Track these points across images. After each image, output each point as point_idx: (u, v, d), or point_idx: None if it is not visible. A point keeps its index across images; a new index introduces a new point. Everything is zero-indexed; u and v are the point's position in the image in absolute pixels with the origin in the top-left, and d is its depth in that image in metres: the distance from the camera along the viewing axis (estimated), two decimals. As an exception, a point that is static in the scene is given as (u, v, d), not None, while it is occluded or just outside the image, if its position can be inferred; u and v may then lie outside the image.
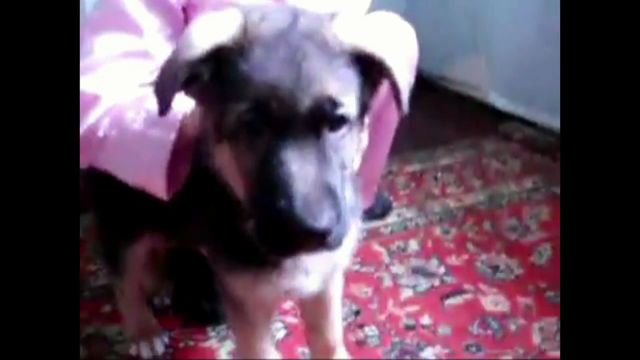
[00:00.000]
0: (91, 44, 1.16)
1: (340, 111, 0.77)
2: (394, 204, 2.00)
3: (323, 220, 0.70)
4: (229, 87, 0.77)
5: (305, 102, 0.74)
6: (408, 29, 1.43)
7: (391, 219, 1.92)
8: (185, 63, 0.77)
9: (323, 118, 0.76)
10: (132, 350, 1.38)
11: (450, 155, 2.36)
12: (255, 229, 0.77)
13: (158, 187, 1.01)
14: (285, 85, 0.74)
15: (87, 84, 1.10)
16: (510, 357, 1.34)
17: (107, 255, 1.36)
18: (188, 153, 1.00)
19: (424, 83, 2.91)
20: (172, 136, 0.98)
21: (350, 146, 0.82)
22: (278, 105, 0.74)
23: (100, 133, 1.06)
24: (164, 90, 0.80)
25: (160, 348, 1.38)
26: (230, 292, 1.04)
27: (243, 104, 0.75)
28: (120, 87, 1.12)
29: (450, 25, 2.82)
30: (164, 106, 0.80)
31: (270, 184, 0.73)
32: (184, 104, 0.97)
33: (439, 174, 2.21)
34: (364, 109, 0.84)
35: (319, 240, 0.72)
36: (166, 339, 1.41)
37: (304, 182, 0.71)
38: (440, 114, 2.78)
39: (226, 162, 0.82)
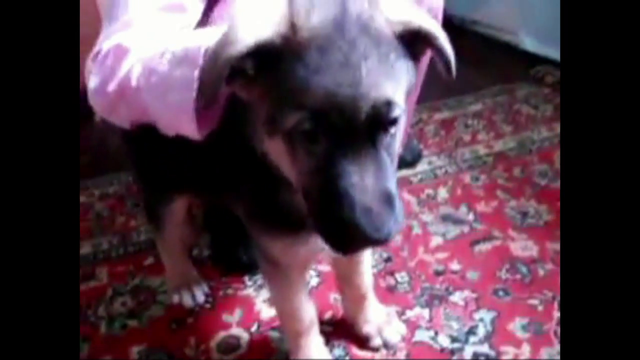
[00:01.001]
0: (125, 1, 1.13)
1: (395, 113, 0.75)
2: (424, 152, 2.01)
3: (385, 230, 0.72)
4: (282, 90, 0.75)
5: (365, 110, 0.72)
6: None
7: (421, 167, 1.94)
8: (228, 60, 0.75)
9: (380, 123, 0.75)
10: (175, 299, 1.45)
11: (480, 101, 2.34)
12: (317, 228, 0.78)
13: (189, 127, 0.96)
14: (346, 93, 0.71)
15: (120, 39, 1.08)
16: (537, 301, 1.37)
17: (148, 212, 1.43)
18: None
19: (454, 28, 2.87)
20: (195, 73, 0.90)
21: (400, 138, 0.81)
22: (338, 115, 0.72)
23: (134, 82, 1.02)
24: (207, 87, 0.80)
25: (201, 297, 1.46)
26: (266, 251, 1.06)
27: (300, 113, 0.73)
28: (154, 40, 1.07)
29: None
30: (209, 102, 0.81)
31: (330, 194, 0.73)
32: (208, 36, 0.92)
33: (469, 121, 2.20)
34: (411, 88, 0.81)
35: (380, 243, 0.75)
36: (206, 288, 1.49)
37: (364, 193, 0.72)
38: (471, 60, 2.72)
39: (279, 155, 0.81)
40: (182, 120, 0.95)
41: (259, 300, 1.45)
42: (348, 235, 0.73)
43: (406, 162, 1.92)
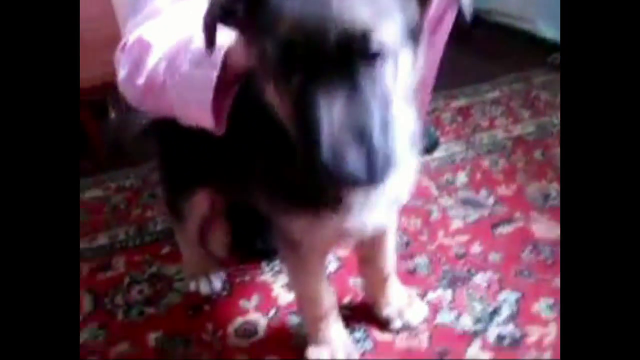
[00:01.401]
0: None
1: (375, 43, 0.70)
2: (441, 139, 1.98)
3: (346, 166, 0.68)
4: (263, 23, 0.75)
5: (334, 36, 0.68)
6: None
7: (438, 153, 1.91)
8: (219, 2, 0.78)
9: (356, 53, 0.70)
10: (192, 287, 1.44)
11: (497, 89, 2.31)
12: (299, 160, 0.75)
13: (208, 123, 1.02)
14: (313, 19, 0.69)
15: (146, 31, 1.11)
16: (562, 281, 1.33)
17: (169, 203, 1.42)
18: (234, 86, 1.01)
19: (471, 19, 2.84)
20: (214, 74, 0.97)
21: (393, 76, 0.75)
22: (305, 42, 0.69)
23: (160, 78, 1.07)
24: (206, 28, 0.82)
25: (218, 284, 1.44)
26: (287, 235, 1.03)
27: (272, 42, 0.72)
28: (177, 31, 1.11)
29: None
30: (209, 42, 0.83)
31: (302, 128, 0.72)
32: (228, 39, 0.96)
33: (487, 108, 2.17)
34: (414, 28, 0.78)
35: (349, 182, 0.71)
36: (223, 275, 1.47)
37: (331, 126, 0.68)
38: (487, 49, 2.71)
39: (274, 97, 0.80)
40: (202, 116, 1.00)
41: (277, 286, 1.43)
42: (318, 170, 0.69)
43: (424, 149, 1.89)
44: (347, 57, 0.70)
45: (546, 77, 2.35)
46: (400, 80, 0.77)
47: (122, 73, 1.14)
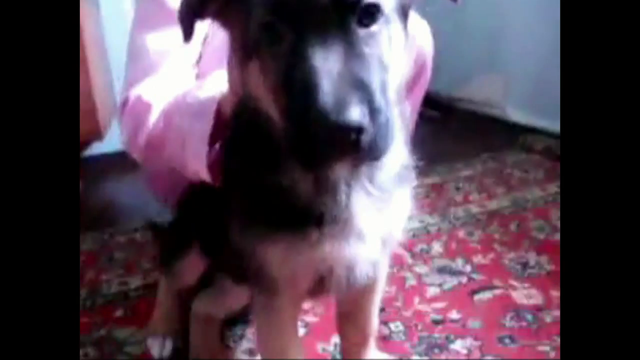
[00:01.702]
0: (143, 43, 1.20)
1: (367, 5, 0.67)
2: (415, 212, 1.93)
3: (353, 112, 0.60)
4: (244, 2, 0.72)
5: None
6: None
7: (412, 224, 1.85)
8: None
9: (347, 7, 0.66)
10: (148, 344, 1.31)
11: (470, 167, 2.31)
12: (286, 140, 0.68)
13: (204, 175, 1.02)
14: None
15: (144, 90, 1.15)
16: (547, 347, 1.24)
17: (164, 254, 1.34)
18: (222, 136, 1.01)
19: (441, 106, 2.91)
20: (208, 127, 0.99)
21: (388, 43, 0.71)
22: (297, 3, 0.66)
23: (160, 135, 1.09)
24: (183, 20, 0.77)
25: (168, 350, 1.31)
26: (261, 275, 0.90)
27: (261, 7, 0.69)
28: (174, 87, 1.15)
29: (467, 46, 2.82)
30: (187, 33, 0.77)
31: (296, 87, 0.64)
32: (218, 87, 1.00)
33: (461, 184, 2.15)
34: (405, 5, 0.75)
35: (353, 141, 0.61)
36: (178, 343, 1.32)
37: (330, 75, 0.62)
38: (459, 133, 2.76)
39: (256, 79, 0.74)
40: (199, 168, 1.01)
41: (239, 351, 1.30)
42: (315, 127, 0.61)
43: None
44: (340, 10, 0.66)
45: (518, 157, 2.37)
46: (395, 54, 0.72)
47: (124, 134, 1.18)
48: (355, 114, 0.60)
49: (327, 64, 0.62)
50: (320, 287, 0.93)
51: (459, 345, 1.27)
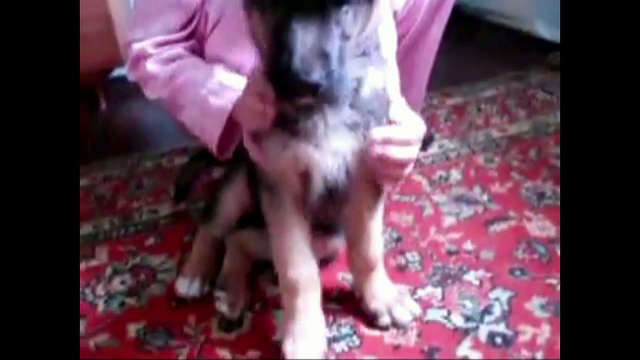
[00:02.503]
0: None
1: None
2: (436, 136, 1.95)
3: (313, 75, 0.86)
4: None
5: None
6: None
7: (432, 150, 1.88)
8: None
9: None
10: (177, 282, 1.38)
11: (493, 87, 2.28)
12: (269, 75, 0.91)
13: (213, 148, 1.26)
14: None
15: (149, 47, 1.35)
16: (556, 281, 1.30)
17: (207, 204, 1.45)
18: None
19: (468, 18, 2.82)
20: (229, 107, 1.19)
21: (353, 20, 0.93)
22: None
23: (182, 98, 1.31)
24: None
25: (195, 291, 1.36)
26: (261, 175, 1.13)
27: None
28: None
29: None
30: None
31: (279, 45, 0.88)
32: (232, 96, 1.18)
33: (482, 105, 2.14)
34: None
35: (312, 90, 0.88)
36: (207, 288, 1.37)
37: (304, 46, 0.86)
38: (485, 48, 2.70)
39: (257, 24, 0.95)
40: (210, 141, 1.26)
41: (264, 279, 1.39)
42: (286, 76, 0.87)
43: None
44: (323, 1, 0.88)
45: (544, 76, 2.33)
46: (357, 28, 0.95)
47: (151, 81, 1.36)
48: (315, 76, 0.86)
49: (304, 38, 0.86)
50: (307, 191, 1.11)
51: (471, 277, 1.34)
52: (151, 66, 1.34)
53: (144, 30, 1.36)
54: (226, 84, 1.23)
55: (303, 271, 1.15)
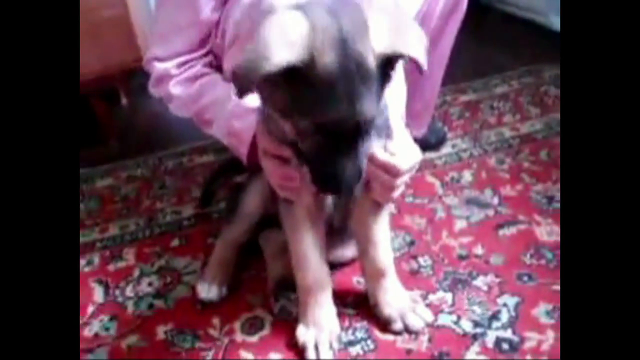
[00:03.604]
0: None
1: (372, 124, 1.00)
2: (448, 135, 1.99)
3: (352, 192, 1.07)
4: (299, 102, 0.95)
5: (353, 125, 0.96)
6: None
7: (445, 149, 1.93)
8: (263, 71, 0.90)
9: (362, 131, 0.99)
10: (197, 284, 1.45)
11: (506, 83, 2.30)
12: (311, 175, 1.05)
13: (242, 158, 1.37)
14: (344, 117, 0.95)
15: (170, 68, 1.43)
16: (562, 286, 1.36)
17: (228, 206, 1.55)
18: None
19: (481, 7, 2.82)
20: (252, 130, 1.28)
21: (376, 140, 1.12)
22: (336, 127, 0.96)
23: (207, 116, 1.40)
24: (241, 87, 0.94)
25: (214, 294, 1.43)
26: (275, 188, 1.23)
27: (309, 123, 0.97)
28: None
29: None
30: (242, 95, 0.95)
31: (324, 167, 1.01)
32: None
33: (495, 103, 2.17)
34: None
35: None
36: (225, 291, 1.45)
37: (344, 170, 1.00)
38: (498, 40, 2.71)
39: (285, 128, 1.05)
40: (238, 155, 1.38)
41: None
42: (329, 189, 1.07)
43: (430, 144, 1.91)
44: (357, 133, 0.99)
45: (557, 71, 2.34)
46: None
47: (175, 101, 1.44)
48: (354, 191, 1.07)
49: (344, 163, 1.00)
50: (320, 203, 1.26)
51: (480, 282, 1.40)
52: (175, 88, 1.41)
53: (165, 49, 1.42)
54: (245, 106, 1.28)
55: (316, 275, 1.28)
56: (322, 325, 1.28)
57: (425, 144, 1.86)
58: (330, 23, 0.92)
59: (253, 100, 1.31)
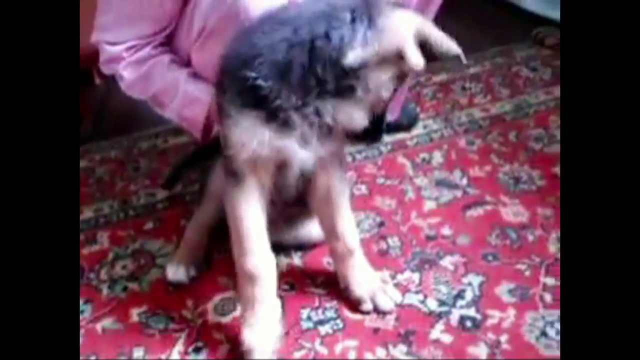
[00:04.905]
0: None
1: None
2: (421, 116, 2.02)
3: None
4: None
5: None
6: None
7: (417, 130, 1.95)
8: None
9: None
10: (168, 267, 1.48)
11: (479, 63, 2.32)
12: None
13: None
14: None
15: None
16: (524, 266, 1.41)
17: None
18: None
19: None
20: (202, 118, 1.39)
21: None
22: None
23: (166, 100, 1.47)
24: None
25: (182, 276, 1.45)
26: (228, 146, 1.17)
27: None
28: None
29: None
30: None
31: None
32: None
33: (467, 84, 2.20)
34: None
35: None
36: (193, 272, 1.47)
37: None
38: (472, 20, 2.70)
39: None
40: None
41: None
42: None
43: (402, 126, 1.94)
44: None
45: (528, 51, 2.37)
46: None
47: (126, 82, 1.48)
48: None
49: None
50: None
51: (447, 262, 1.45)
52: (125, 71, 1.44)
53: (116, 35, 1.43)
54: (192, 96, 1.39)
55: (259, 260, 1.22)
56: (264, 327, 1.23)
57: (397, 126, 1.89)
58: None
59: (197, 90, 1.39)
